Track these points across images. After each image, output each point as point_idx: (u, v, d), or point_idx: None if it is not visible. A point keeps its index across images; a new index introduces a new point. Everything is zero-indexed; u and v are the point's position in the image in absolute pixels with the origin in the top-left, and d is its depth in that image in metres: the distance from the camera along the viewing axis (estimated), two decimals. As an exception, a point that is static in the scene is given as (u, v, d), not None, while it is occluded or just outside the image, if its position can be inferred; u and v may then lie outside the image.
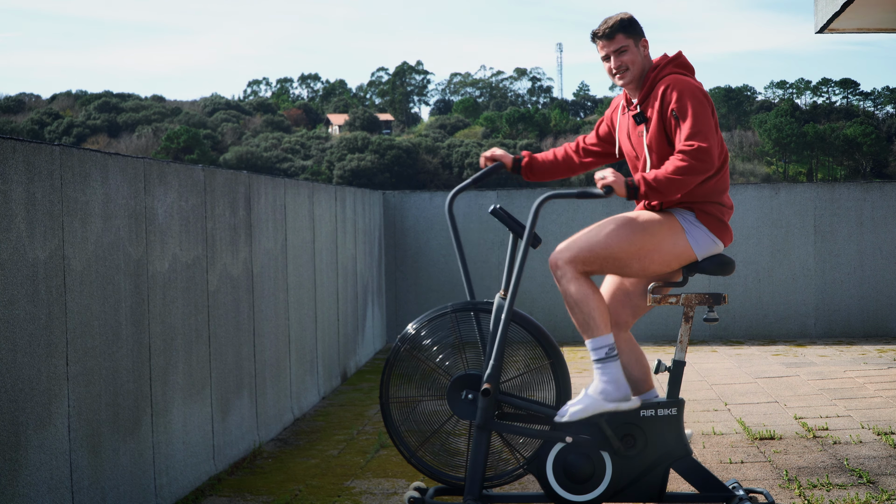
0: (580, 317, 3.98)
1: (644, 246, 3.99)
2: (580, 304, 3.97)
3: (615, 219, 4.05)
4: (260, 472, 5.56)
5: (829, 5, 9.04)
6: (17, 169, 3.58)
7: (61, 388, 3.85)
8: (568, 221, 10.53)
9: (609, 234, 3.99)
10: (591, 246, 3.98)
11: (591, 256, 3.98)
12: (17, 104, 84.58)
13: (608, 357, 3.96)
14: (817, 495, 4.78)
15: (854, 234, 10.65)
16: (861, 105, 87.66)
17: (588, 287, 3.98)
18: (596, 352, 3.98)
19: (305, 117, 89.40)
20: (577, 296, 3.97)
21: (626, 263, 4.00)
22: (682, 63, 4.14)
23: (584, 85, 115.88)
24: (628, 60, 4.12)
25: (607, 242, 3.98)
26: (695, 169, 3.89)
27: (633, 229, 4.00)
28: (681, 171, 3.88)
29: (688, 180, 3.90)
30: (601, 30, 4.16)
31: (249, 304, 6.01)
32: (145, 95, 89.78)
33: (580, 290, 3.97)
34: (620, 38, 4.13)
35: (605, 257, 3.98)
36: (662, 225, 4.01)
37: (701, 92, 4.02)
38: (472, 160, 61.40)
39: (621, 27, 4.13)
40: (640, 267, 4.01)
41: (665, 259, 4.02)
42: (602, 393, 3.95)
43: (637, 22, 4.17)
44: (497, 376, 3.99)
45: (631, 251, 3.98)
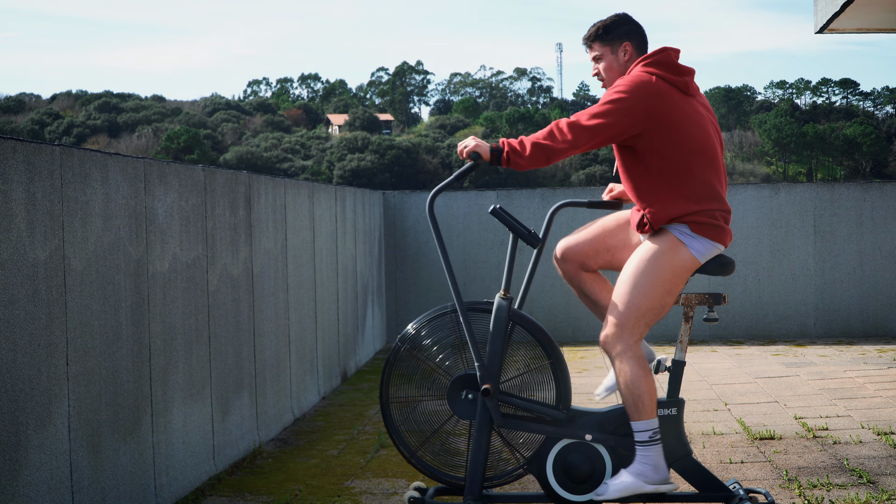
0: (629, 398, 3.97)
1: (664, 280, 3.96)
2: (631, 386, 3.96)
3: (629, 275, 3.99)
4: (260, 472, 5.56)
5: (829, 5, 9.04)
6: (17, 169, 3.58)
7: (61, 388, 3.86)
8: (568, 221, 10.53)
9: (635, 294, 3.96)
10: (629, 314, 3.97)
11: (634, 323, 3.97)
12: (18, 104, 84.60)
13: (651, 441, 3.96)
14: (817, 495, 4.78)
15: (854, 234, 10.65)
16: (861, 105, 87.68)
17: (642, 370, 3.97)
18: (640, 434, 3.97)
19: (305, 117, 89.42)
20: (631, 378, 3.96)
21: (662, 304, 3.99)
22: (657, 61, 3.99)
23: (585, 85, 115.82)
24: (603, 68, 4.12)
25: (638, 303, 3.96)
26: (562, 139, 3.88)
27: (650, 273, 3.96)
28: (548, 135, 3.90)
29: (552, 148, 3.88)
30: (585, 36, 4.18)
31: (249, 304, 6.01)
32: (145, 95, 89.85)
33: (634, 372, 3.96)
34: (596, 47, 4.12)
35: (645, 314, 3.97)
36: (666, 250, 3.97)
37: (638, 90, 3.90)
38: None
39: (597, 35, 4.11)
40: (672, 298, 4.01)
41: (682, 277, 4.00)
42: (642, 476, 3.96)
43: (621, 25, 4.09)
44: (497, 376, 4.00)
45: (661, 293, 3.97)
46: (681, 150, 3.91)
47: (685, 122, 3.93)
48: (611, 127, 3.88)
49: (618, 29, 4.09)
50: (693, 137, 3.93)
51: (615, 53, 4.09)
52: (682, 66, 4.02)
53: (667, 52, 4.02)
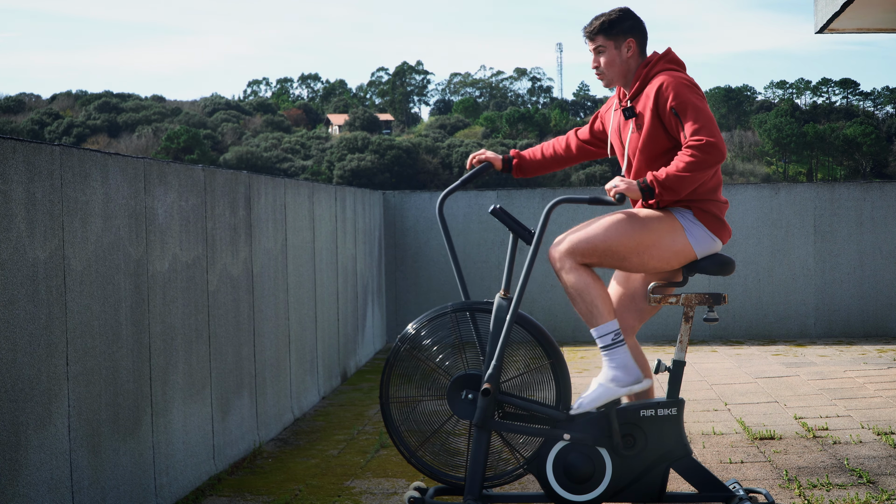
0: (583, 306, 3.99)
1: (643, 241, 3.98)
2: (581, 293, 3.97)
3: (614, 214, 4.05)
4: (260, 471, 5.56)
5: (829, 5, 9.04)
6: (17, 169, 3.58)
7: (61, 388, 3.86)
8: (568, 222, 10.51)
9: (607, 228, 3.99)
10: (590, 238, 3.99)
11: (590, 248, 3.98)
12: (17, 104, 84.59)
13: (615, 343, 3.97)
14: (817, 495, 4.78)
15: (854, 234, 10.65)
16: (861, 105, 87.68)
17: (589, 276, 3.99)
18: (602, 339, 3.98)
19: (305, 117, 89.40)
20: (579, 285, 3.98)
21: (624, 257, 4.00)
22: (673, 59, 4.13)
23: (584, 85, 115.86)
24: (605, 62, 4.13)
25: (605, 235, 3.98)
26: (705, 163, 3.88)
27: (632, 224, 4.00)
28: (691, 166, 3.88)
29: (698, 175, 3.90)
30: (586, 28, 4.18)
31: (249, 303, 6.01)
32: (145, 95, 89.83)
33: (580, 279, 3.98)
34: (600, 39, 4.13)
35: (604, 250, 3.98)
36: (662, 222, 4.01)
37: (696, 87, 4.03)
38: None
39: (602, 28, 4.12)
40: (639, 262, 4.00)
41: (664, 255, 4.01)
42: (613, 380, 3.96)
43: (626, 20, 4.12)
44: (497, 376, 3.99)
45: (629, 245, 3.98)
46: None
47: None
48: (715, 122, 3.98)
49: (622, 24, 4.12)
50: None
51: (618, 49, 4.11)
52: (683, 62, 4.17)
53: (673, 52, 4.17)
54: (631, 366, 3.97)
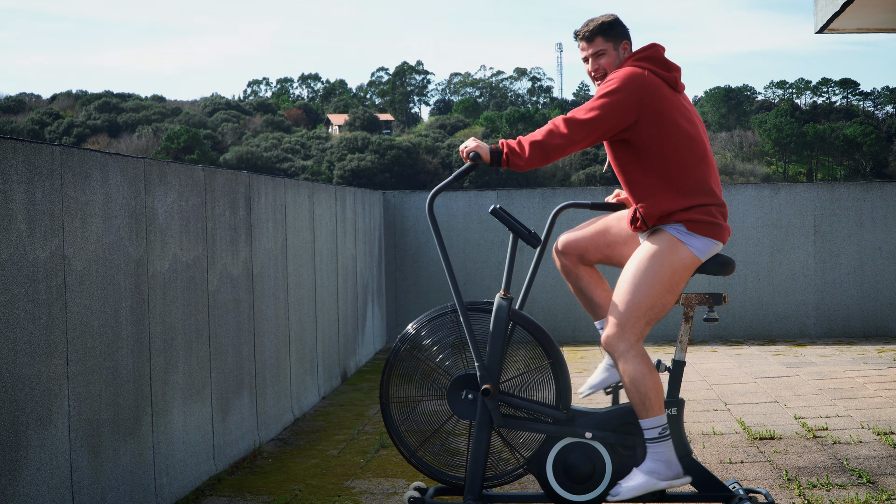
0: (636, 396, 3.97)
1: (664, 279, 3.96)
2: (637, 384, 3.96)
3: (629, 275, 4.00)
4: (260, 471, 5.56)
5: (829, 5, 9.04)
6: (17, 169, 3.58)
7: (61, 388, 3.86)
8: (568, 222, 10.53)
9: (635, 294, 3.96)
10: (629, 313, 3.97)
11: (635, 322, 3.97)
12: (18, 104, 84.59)
13: (661, 437, 3.97)
14: (817, 495, 4.78)
15: (854, 234, 10.65)
16: (861, 105, 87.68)
17: (646, 367, 3.97)
18: (650, 431, 3.97)
19: (305, 117, 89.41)
20: (636, 375, 3.96)
21: (662, 303, 3.99)
22: (647, 56, 4.03)
23: (584, 85, 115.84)
24: (605, 64, 4.09)
25: (639, 302, 3.96)
26: (560, 135, 3.88)
27: (649, 273, 3.96)
28: (547, 134, 3.89)
29: (551, 146, 3.88)
30: (582, 31, 4.13)
31: (249, 304, 6.01)
32: (145, 95, 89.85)
33: (638, 370, 3.96)
34: (599, 42, 4.10)
35: (645, 313, 3.97)
36: (665, 250, 3.97)
37: (631, 84, 3.92)
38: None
39: (601, 30, 4.09)
40: (673, 297, 4.00)
41: (683, 276, 4.00)
42: (654, 473, 3.96)
43: (620, 24, 4.11)
44: (497, 376, 4.00)
45: (661, 292, 3.97)
46: (672, 144, 3.93)
47: (676, 115, 3.96)
48: (607, 120, 3.89)
49: (619, 27, 4.11)
50: (684, 131, 3.96)
51: (616, 50, 4.10)
52: (670, 62, 4.07)
53: (656, 48, 4.07)
54: (673, 461, 3.97)
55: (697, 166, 3.97)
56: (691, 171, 3.96)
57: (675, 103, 3.98)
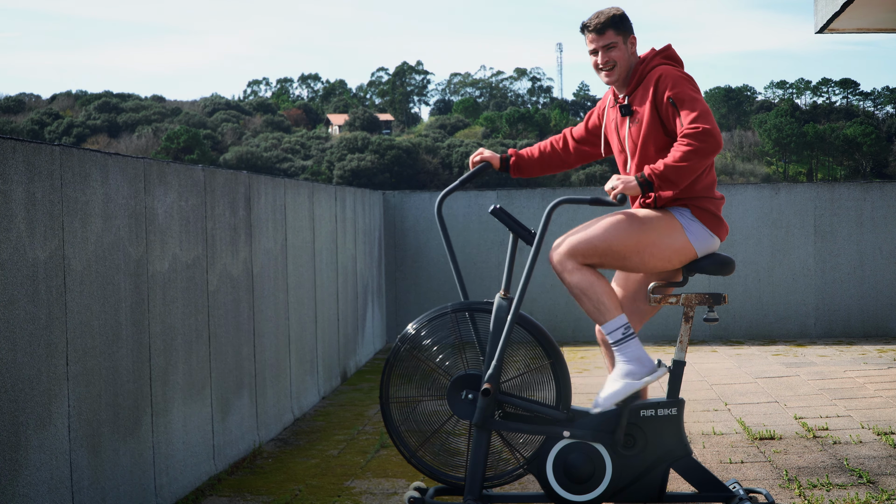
0: (589, 304, 3.98)
1: (642, 240, 3.98)
2: (587, 291, 3.97)
3: (613, 214, 4.06)
4: (260, 472, 5.56)
5: (829, 5, 9.04)
6: (17, 169, 3.58)
7: (61, 388, 3.86)
8: (568, 222, 10.52)
9: (607, 228, 3.99)
10: (589, 239, 3.99)
11: (590, 249, 3.98)
12: (17, 104, 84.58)
13: (626, 337, 3.97)
14: (817, 495, 4.78)
15: (854, 234, 10.65)
16: (861, 105, 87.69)
17: (592, 274, 3.99)
18: (612, 334, 3.97)
19: (305, 117, 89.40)
20: (583, 284, 3.97)
21: (624, 256, 4.00)
22: (671, 55, 4.15)
23: (584, 85, 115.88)
24: (616, 57, 4.12)
25: (605, 236, 3.98)
26: (702, 151, 3.88)
27: (631, 224, 4.00)
28: (688, 154, 3.88)
29: (696, 164, 3.89)
30: (592, 23, 4.13)
31: (249, 304, 6.01)
32: (145, 95, 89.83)
33: (584, 278, 3.98)
34: (610, 34, 4.12)
35: (604, 250, 3.98)
36: (661, 221, 4.01)
37: (693, 81, 4.04)
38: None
39: (612, 23, 4.12)
40: (640, 261, 4.00)
41: (665, 254, 4.01)
42: (629, 374, 3.95)
43: (628, 18, 4.16)
44: (497, 376, 3.99)
45: (629, 244, 3.98)
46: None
47: None
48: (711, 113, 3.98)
49: (628, 21, 4.18)
50: None
51: (626, 44, 4.14)
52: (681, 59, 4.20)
53: (672, 49, 4.18)
54: (645, 357, 3.98)
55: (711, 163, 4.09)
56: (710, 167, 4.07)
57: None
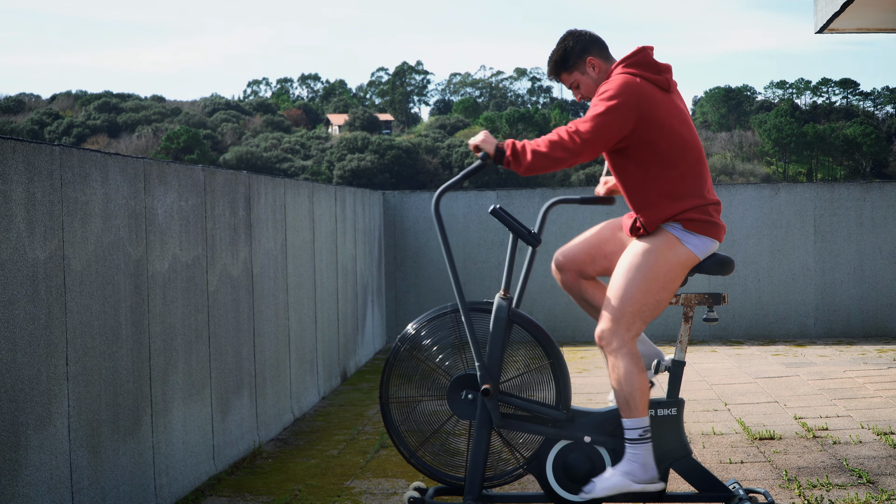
0: (621, 395, 3.96)
1: (659, 275, 3.95)
2: (624, 383, 3.95)
3: (623, 270, 3.99)
4: (260, 472, 5.56)
5: (829, 5, 9.04)
6: (17, 169, 3.58)
7: (61, 388, 3.86)
8: (568, 222, 10.53)
9: (629, 289, 3.95)
10: (623, 309, 3.95)
11: (630, 319, 3.96)
12: (17, 104, 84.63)
13: (641, 439, 3.96)
14: (817, 495, 4.78)
15: (854, 234, 10.65)
16: (861, 105, 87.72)
17: (635, 366, 3.96)
18: (630, 431, 3.96)
19: (305, 117, 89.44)
20: (624, 374, 3.95)
21: (657, 300, 3.97)
22: (637, 62, 4.01)
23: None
24: (585, 92, 4.13)
25: (633, 297, 3.95)
26: (563, 148, 3.87)
27: (644, 269, 3.95)
28: (550, 145, 3.88)
29: (553, 157, 3.88)
30: (547, 74, 4.23)
31: (249, 304, 6.01)
32: (145, 95, 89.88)
33: (628, 369, 3.95)
34: (564, 77, 4.15)
35: (640, 309, 3.96)
36: (659, 246, 3.97)
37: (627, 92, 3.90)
38: (472, 160, 61.41)
39: (556, 68, 4.14)
40: (668, 294, 3.99)
41: (678, 273, 3.99)
42: (629, 474, 3.95)
43: (575, 45, 4.08)
44: (497, 376, 3.99)
45: (656, 288, 3.95)
46: (669, 149, 3.93)
47: (670, 118, 3.96)
48: (608, 130, 3.87)
49: (573, 52, 4.09)
50: (678, 133, 3.96)
51: (585, 73, 4.10)
52: (660, 63, 4.04)
53: (644, 52, 4.04)
54: (650, 465, 3.96)
55: (693, 168, 3.98)
56: (688, 174, 3.96)
57: (669, 107, 3.97)
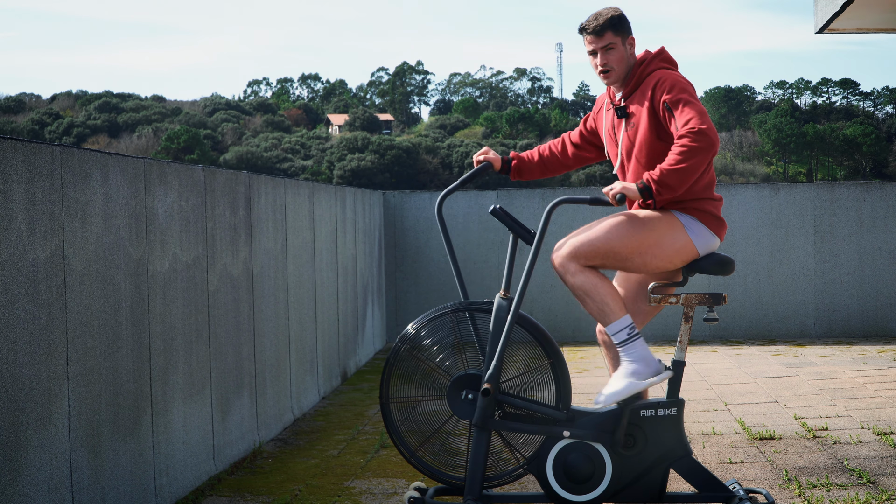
0: (593, 306, 3.98)
1: (644, 240, 3.98)
2: (590, 293, 3.97)
3: (615, 215, 4.05)
4: (260, 471, 5.56)
5: (829, 5, 9.04)
6: (17, 169, 3.58)
7: (61, 388, 3.86)
8: (568, 221, 10.52)
9: (608, 230, 3.99)
10: (591, 241, 3.98)
11: (592, 251, 3.98)
12: (18, 104, 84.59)
13: (630, 337, 3.96)
14: (817, 495, 4.78)
15: (854, 234, 10.65)
16: (861, 105, 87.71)
17: (595, 275, 3.98)
18: (617, 335, 3.97)
19: (305, 117, 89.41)
20: (586, 286, 3.97)
21: (626, 258, 3.99)
22: (667, 58, 4.15)
23: (584, 85, 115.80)
24: (614, 59, 4.11)
25: (607, 237, 3.97)
26: (698, 151, 3.85)
27: (633, 224, 3.99)
28: (685, 155, 3.85)
29: (694, 165, 3.86)
30: (591, 25, 4.11)
31: (249, 304, 6.01)
32: (145, 95, 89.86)
33: (587, 279, 3.97)
34: (609, 36, 4.11)
35: (606, 252, 3.97)
36: (662, 221, 4.01)
37: (690, 85, 4.03)
38: (473, 160, 61.39)
39: (611, 24, 4.10)
40: (642, 262, 4.00)
41: (667, 254, 4.00)
42: (634, 374, 3.95)
43: (627, 19, 4.15)
44: (497, 376, 3.99)
45: (631, 246, 3.97)
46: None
47: None
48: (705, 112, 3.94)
49: (626, 22, 4.16)
50: None
51: (625, 45, 4.13)
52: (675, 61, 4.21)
53: (667, 52, 4.18)
54: (650, 358, 3.97)
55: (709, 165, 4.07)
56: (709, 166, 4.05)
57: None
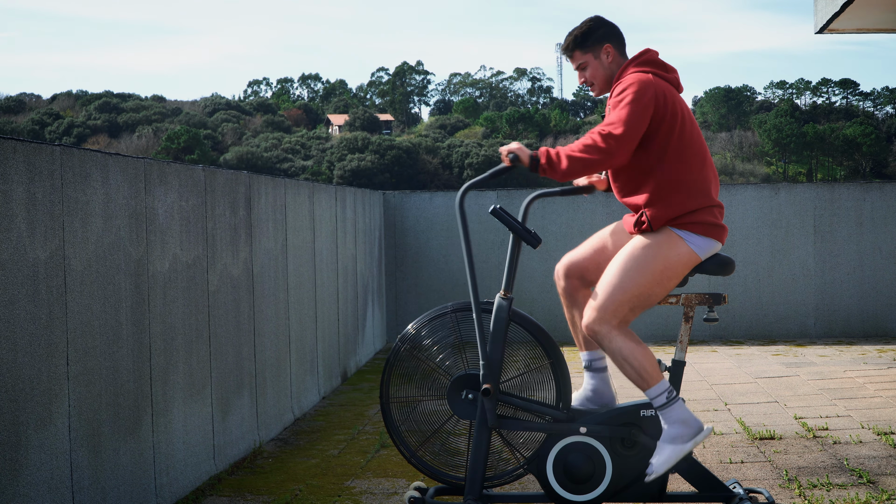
0: (631, 371, 3.95)
1: (655, 271, 3.95)
2: (628, 359, 3.94)
3: (620, 260, 3.98)
4: (260, 471, 5.56)
5: (829, 5, 9.04)
6: (17, 169, 3.58)
7: (62, 388, 3.86)
8: (568, 221, 10.53)
9: (621, 277, 3.94)
10: (611, 296, 3.94)
11: (616, 306, 3.94)
12: (18, 104, 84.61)
13: (670, 401, 3.95)
14: (817, 495, 4.78)
15: (854, 234, 10.65)
16: (861, 105, 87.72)
17: (631, 340, 3.96)
18: (657, 399, 3.95)
19: (305, 117, 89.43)
20: (624, 351, 3.94)
21: (648, 294, 3.96)
22: (647, 60, 4.04)
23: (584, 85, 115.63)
24: (591, 75, 4.10)
25: (622, 286, 3.94)
26: (600, 151, 3.84)
27: (639, 261, 3.95)
28: (587, 150, 3.85)
29: (590, 162, 3.84)
30: (561, 47, 4.19)
31: (249, 304, 6.01)
32: (145, 95, 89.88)
33: (625, 345, 3.95)
34: (578, 55, 4.11)
35: (629, 300, 3.94)
36: (662, 243, 3.97)
37: (647, 90, 3.90)
38: (472, 160, 61.35)
39: (576, 44, 4.09)
40: (662, 290, 3.98)
41: (677, 271, 3.98)
42: (676, 438, 3.93)
43: (598, 28, 4.08)
44: (497, 376, 3.99)
45: (647, 282, 3.94)
46: (679, 146, 3.94)
47: (683, 117, 3.97)
48: (636, 127, 3.87)
49: (595, 34, 4.09)
50: (688, 133, 3.97)
51: (598, 58, 4.08)
52: (667, 64, 4.09)
53: (651, 52, 4.07)
54: (690, 419, 3.95)
55: (701, 167, 3.99)
56: (697, 173, 3.97)
57: (681, 105, 4.00)
